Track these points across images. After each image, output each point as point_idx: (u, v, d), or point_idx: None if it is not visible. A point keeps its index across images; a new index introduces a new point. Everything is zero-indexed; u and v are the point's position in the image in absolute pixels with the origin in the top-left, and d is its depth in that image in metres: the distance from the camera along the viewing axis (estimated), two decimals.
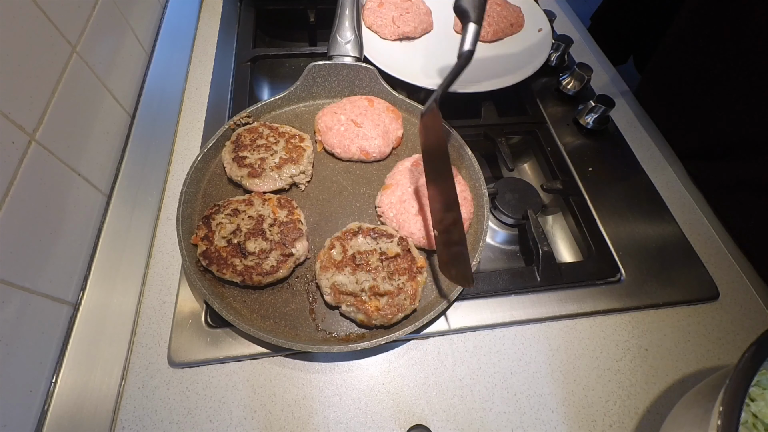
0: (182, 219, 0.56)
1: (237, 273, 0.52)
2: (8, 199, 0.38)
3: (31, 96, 0.43)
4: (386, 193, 0.61)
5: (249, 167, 0.61)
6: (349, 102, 0.70)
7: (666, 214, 0.67)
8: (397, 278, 0.52)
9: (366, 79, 0.72)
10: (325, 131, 0.67)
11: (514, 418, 0.50)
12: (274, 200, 0.58)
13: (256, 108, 0.68)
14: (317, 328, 0.52)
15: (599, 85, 0.85)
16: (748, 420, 0.39)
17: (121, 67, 0.61)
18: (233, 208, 0.57)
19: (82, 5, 0.53)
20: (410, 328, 0.50)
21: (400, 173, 0.62)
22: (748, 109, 0.63)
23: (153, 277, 0.58)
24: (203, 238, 0.54)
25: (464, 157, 0.66)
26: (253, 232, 0.55)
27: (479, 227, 0.59)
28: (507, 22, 0.82)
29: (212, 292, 0.52)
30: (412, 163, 0.63)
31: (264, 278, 0.52)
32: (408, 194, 0.60)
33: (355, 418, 0.49)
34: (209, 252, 0.53)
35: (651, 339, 0.56)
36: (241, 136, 0.64)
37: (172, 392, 0.50)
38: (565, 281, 0.59)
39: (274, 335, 0.49)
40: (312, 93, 0.73)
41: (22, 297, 0.39)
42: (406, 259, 0.54)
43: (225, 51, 0.85)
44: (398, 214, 0.58)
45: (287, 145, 0.64)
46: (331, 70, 0.71)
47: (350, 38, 0.70)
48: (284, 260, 0.53)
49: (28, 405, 0.39)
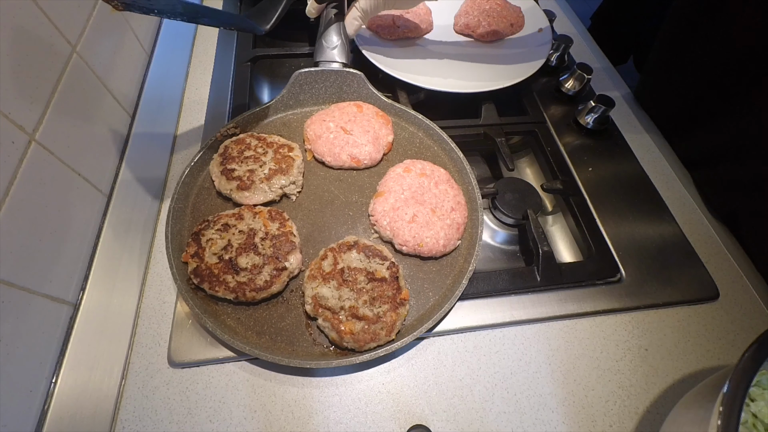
0: (171, 236, 0.54)
1: (230, 290, 0.51)
2: (8, 199, 0.38)
3: (31, 96, 0.43)
4: (379, 200, 0.60)
5: (238, 180, 0.60)
6: (337, 109, 0.69)
7: (666, 214, 0.67)
8: (379, 305, 0.51)
9: (354, 85, 0.70)
10: (315, 140, 0.66)
11: (514, 418, 0.50)
12: (265, 213, 0.57)
13: (242, 118, 0.67)
14: (314, 342, 0.51)
15: (599, 85, 0.85)
16: (748, 420, 0.39)
17: (121, 67, 0.61)
18: (223, 222, 0.56)
19: (82, 5, 0.53)
20: (409, 339, 0.49)
21: (392, 180, 0.62)
22: (746, 109, 0.63)
23: (153, 277, 0.58)
24: (193, 255, 0.53)
25: (456, 160, 0.65)
26: (244, 247, 0.53)
27: (474, 231, 0.59)
28: (507, 22, 0.82)
29: (205, 310, 0.51)
30: (404, 168, 0.63)
31: (258, 294, 0.51)
32: (401, 201, 0.59)
33: (355, 418, 0.49)
34: (200, 269, 0.52)
35: (651, 339, 0.56)
36: (229, 147, 0.63)
37: (172, 392, 0.50)
38: (565, 281, 0.59)
39: (270, 352, 0.48)
40: (299, 101, 0.71)
41: (22, 297, 0.39)
42: (391, 286, 0.52)
43: (225, 51, 0.85)
44: (392, 222, 0.58)
45: (276, 156, 0.62)
46: (317, 76, 0.69)
47: (336, 43, 0.69)
48: (278, 274, 0.52)
49: (28, 405, 0.39)
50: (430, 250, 0.57)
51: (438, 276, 0.57)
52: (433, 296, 0.55)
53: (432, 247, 0.56)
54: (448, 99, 0.73)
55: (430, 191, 0.60)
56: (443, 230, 0.57)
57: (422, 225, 0.57)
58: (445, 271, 0.57)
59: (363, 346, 0.49)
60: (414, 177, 0.61)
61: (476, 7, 0.83)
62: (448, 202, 0.60)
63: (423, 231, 0.57)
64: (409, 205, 0.59)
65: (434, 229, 0.57)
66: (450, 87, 0.73)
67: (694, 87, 0.71)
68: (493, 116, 0.76)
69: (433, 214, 0.58)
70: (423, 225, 0.57)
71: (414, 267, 0.58)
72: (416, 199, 0.59)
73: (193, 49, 0.85)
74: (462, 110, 0.77)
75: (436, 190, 0.61)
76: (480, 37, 0.83)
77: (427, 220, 0.58)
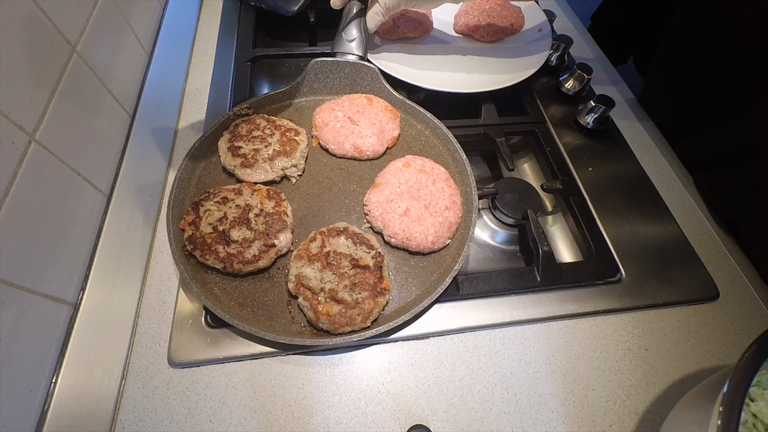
0: (173, 203, 0.57)
1: (219, 260, 0.53)
2: (8, 199, 0.38)
3: (31, 96, 0.43)
4: (375, 191, 0.61)
5: (242, 157, 0.62)
6: (348, 99, 0.70)
7: (666, 214, 0.67)
8: (359, 292, 0.52)
9: (368, 78, 0.72)
10: (322, 127, 0.67)
11: (514, 418, 0.50)
12: (264, 191, 0.59)
13: (257, 100, 0.69)
14: (293, 319, 0.53)
15: (599, 85, 0.85)
16: (748, 420, 0.39)
17: (121, 67, 0.61)
18: (223, 196, 0.58)
19: (82, 5, 0.53)
20: (383, 328, 0.50)
21: (390, 173, 0.62)
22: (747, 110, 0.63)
23: (153, 277, 0.58)
24: (191, 223, 0.55)
25: (458, 161, 0.66)
26: (238, 221, 0.56)
27: (465, 232, 0.59)
28: (507, 22, 0.82)
29: (194, 276, 0.53)
30: (404, 163, 0.63)
31: (245, 267, 0.53)
32: (396, 194, 0.60)
33: (355, 418, 0.49)
34: (194, 237, 0.54)
35: (651, 339, 0.56)
36: (239, 126, 0.65)
37: (172, 392, 0.50)
38: (565, 281, 0.59)
39: (249, 324, 0.49)
40: (313, 89, 0.73)
41: (22, 297, 0.39)
42: (374, 275, 0.53)
43: (225, 51, 0.85)
44: (384, 213, 0.58)
45: (282, 138, 0.65)
46: (333, 66, 0.71)
47: (355, 36, 0.71)
48: (266, 250, 0.54)
49: (28, 405, 0.39)
50: (418, 245, 0.57)
51: (424, 272, 0.57)
52: (416, 290, 0.56)
53: (420, 242, 0.57)
54: (448, 99, 0.73)
55: (426, 188, 0.61)
56: (434, 227, 0.57)
57: (413, 219, 0.57)
58: (432, 267, 0.58)
59: (338, 329, 0.50)
60: (413, 172, 0.62)
61: (476, 7, 0.83)
62: (444, 200, 0.60)
63: (413, 225, 0.57)
64: (404, 199, 0.59)
65: (425, 225, 0.57)
66: (450, 87, 0.73)
67: (698, 90, 0.70)
68: (493, 116, 0.76)
69: (426, 210, 0.58)
70: (414, 219, 0.57)
71: (401, 260, 0.58)
72: (411, 194, 0.60)
73: (193, 49, 0.85)
74: (462, 110, 0.77)
75: (432, 187, 0.61)
76: (480, 37, 0.83)
77: (419, 215, 0.58)
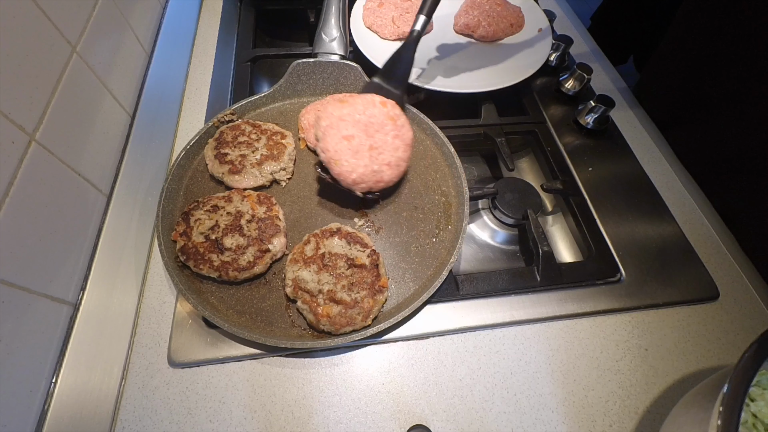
0: (162, 215, 0.57)
1: (214, 268, 0.53)
2: (8, 199, 0.38)
3: (31, 96, 0.43)
4: (337, 105, 0.58)
5: (230, 164, 0.62)
6: (332, 99, 0.69)
7: (666, 214, 0.67)
8: (357, 291, 0.52)
9: (351, 77, 0.72)
10: (308, 129, 0.67)
11: (514, 418, 0.50)
12: (254, 197, 0.59)
13: (240, 105, 0.69)
14: (293, 323, 0.53)
15: (599, 85, 0.85)
16: (748, 420, 0.39)
17: (121, 67, 0.61)
18: (213, 204, 0.58)
19: (82, 5, 0.53)
20: (384, 325, 0.50)
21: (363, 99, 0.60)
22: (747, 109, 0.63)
23: (153, 277, 0.58)
24: (182, 234, 0.55)
25: (447, 155, 0.66)
26: (230, 228, 0.55)
27: (459, 225, 0.59)
28: (507, 22, 0.82)
29: (189, 287, 0.52)
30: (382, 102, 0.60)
31: (240, 274, 0.53)
32: (352, 119, 0.57)
33: (355, 418, 0.49)
34: (187, 248, 0.54)
35: (651, 339, 0.56)
36: (224, 133, 0.65)
37: (172, 392, 0.50)
38: (565, 281, 0.59)
39: (249, 331, 0.49)
40: (297, 91, 0.73)
41: (23, 297, 0.39)
42: (371, 273, 0.53)
43: (225, 51, 0.85)
44: (330, 126, 0.56)
45: (269, 142, 0.64)
46: (315, 67, 0.71)
47: (335, 36, 0.70)
48: (261, 256, 0.54)
49: (28, 405, 0.39)
50: (339, 173, 0.56)
51: (420, 267, 0.58)
52: (413, 286, 0.56)
53: (342, 172, 0.55)
54: (447, 99, 0.73)
55: (384, 134, 0.58)
56: (364, 169, 0.56)
57: (351, 148, 0.55)
58: (427, 262, 0.58)
59: (339, 330, 0.49)
60: (383, 114, 0.59)
61: (476, 7, 0.83)
62: (390, 155, 0.58)
63: (347, 154, 0.55)
64: (357, 128, 0.57)
65: (357, 161, 0.55)
66: (450, 87, 0.73)
67: (697, 86, 0.70)
68: (493, 116, 0.76)
69: (369, 150, 0.57)
70: (352, 149, 0.55)
71: (396, 256, 0.58)
72: (366, 130, 0.57)
73: (193, 49, 0.85)
74: (462, 110, 0.77)
75: (390, 139, 0.59)
76: (480, 37, 0.83)
77: (359, 149, 0.56)
